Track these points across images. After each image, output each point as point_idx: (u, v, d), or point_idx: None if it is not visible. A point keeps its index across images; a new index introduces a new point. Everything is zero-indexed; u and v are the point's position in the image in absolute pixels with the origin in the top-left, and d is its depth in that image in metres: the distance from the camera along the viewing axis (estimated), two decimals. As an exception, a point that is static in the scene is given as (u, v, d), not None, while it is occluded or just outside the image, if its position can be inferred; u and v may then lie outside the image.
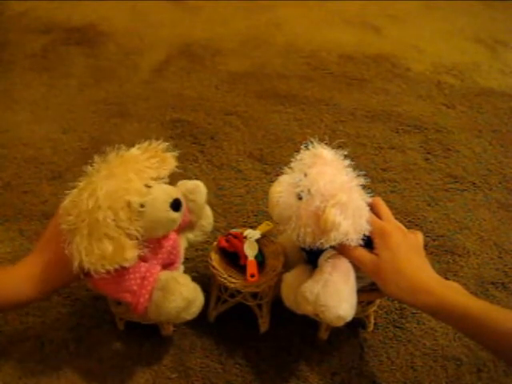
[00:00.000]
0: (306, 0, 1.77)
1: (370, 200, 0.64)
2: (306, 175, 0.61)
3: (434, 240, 0.90)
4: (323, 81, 1.33)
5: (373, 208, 0.64)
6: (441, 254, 0.88)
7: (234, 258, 0.71)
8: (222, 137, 1.13)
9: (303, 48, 1.48)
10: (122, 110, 1.21)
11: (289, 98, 1.26)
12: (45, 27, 1.56)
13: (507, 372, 0.71)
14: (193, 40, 1.51)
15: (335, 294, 0.59)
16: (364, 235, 0.61)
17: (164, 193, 0.60)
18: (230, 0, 1.75)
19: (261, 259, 0.71)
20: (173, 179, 0.65)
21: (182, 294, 0.60)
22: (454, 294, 0.57)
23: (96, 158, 0.61)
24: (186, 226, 0.69)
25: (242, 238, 0.73)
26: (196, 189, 0.68)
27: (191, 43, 1.49)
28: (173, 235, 0.66)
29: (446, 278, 0.83)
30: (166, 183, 0.63)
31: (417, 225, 0.92)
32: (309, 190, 0.59)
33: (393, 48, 1.49)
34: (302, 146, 0.66)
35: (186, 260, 0.82)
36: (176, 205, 0.61)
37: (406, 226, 0.73)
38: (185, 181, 0.69)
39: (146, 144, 0.64)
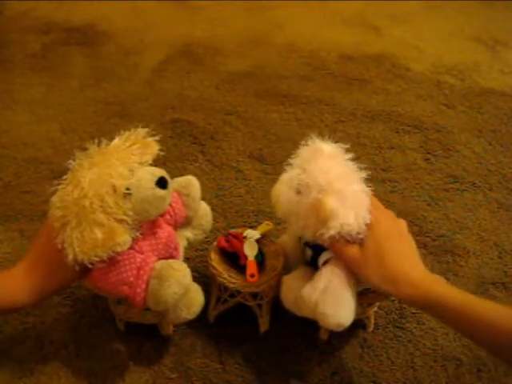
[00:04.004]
0: (306, 0, 1.77)
1: (370, 194, 0.63)
2: (304, 170, 0.61)
3: (434, 240, 0.90)
4: (323, 81, 1.33)
5: None
6: (441, 253, 0.88)
7: (233, 258, 0.71)
8: (222, 137, 1.13)
9: (303, 48, 1.48)
10: (122, 109, 1.21)
11: (289, 98, 1.26)
12: (45, 27, 1.56)
13: (507, 372, 0.71)
14: (193, 40, 1.51)
15: (334, 302, 0.59)
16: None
17: (148, 173, 0.60)
18: (230, 0, 1.75)
19: (260, 259, 0.71)
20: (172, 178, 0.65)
21: (177, 279, 0.60)
22: (436, 285, 0.57)
23: (78, 153, 0.61)
24: (183, 222, 0.69)
25: (241, 238, 0.73)
26: (188, 183, 0.68)
27: (191, 43, 1.49)
28: (168, 227, 0.66)
29: (446, 278, 0.83)
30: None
31: (417, 225, 0.92)
32: (307, 184, 0.59)
33: (393, 48, 1.49)
34: (301, 142, 0.65)
35: (186, 260, 0.82)
36: (162, 182, 0.60)
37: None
38: (176, 178, 0.69)
39: (126, 134, 0.63)
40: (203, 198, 0.76)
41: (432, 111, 1.23)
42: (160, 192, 0.60)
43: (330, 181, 0.58)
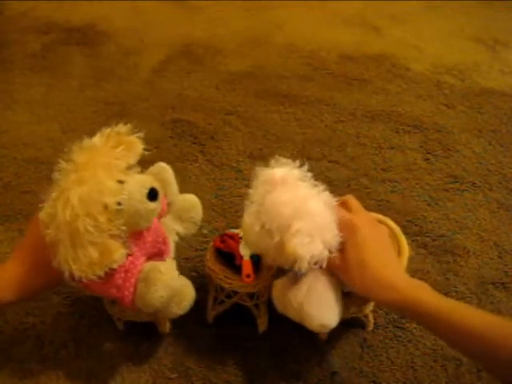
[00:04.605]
0: (306, 0, 1.77)
1: (335, 202, 0.62)
2: (262, 205, 0.60)
3: (434, 240, 0.90)
4: (323, 81, 1.33)
5: (344, 205, 0.64)
6: (441, 254, 0.87)
7: (229, 259, 0.71)
8: (222, 137, 1.13)
9: (303, 48, 1.48)
10: (122, 109, 1.21)
11: (289, 98, 1.26)
12: (45, 27, 1.56)
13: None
14: (193, 40, 1.51)
15: (318, 303, 0.59)
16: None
17: (138, 185, 0.59)
18: (230, 0, 1.75)
19: (256, 259, 0.71)
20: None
21: (164, 283, 0.59)
22: (418, 291, 0.57)
23: (60, 161, 0.59)
24: (166, 210, 0.69)
25: (237, 239, 0.73)
26: (161, 169, 0.68)
27: (191, 43, 1.49)
28: (154, 221, 0.65)
29: (446, 279, 0.83)
30: (137, 172, 0.62)
31: (417, 225, 0.92)
32: (268, 221, 0.58)
33: (393, 48, 1.49)
34: (254, 171, 0.63)
35: (186, 260, 0.82)
36: (153, 194, 0.60)
37: (405, 226, 0.73)
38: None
39: (107, 130, 0.62)
40: (203, 198, 0.76)
41: (432, 111, 1.23)
42: (152, 205, 0.60)
43: (289, 220, 0.57)
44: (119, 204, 0.57)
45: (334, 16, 1.69)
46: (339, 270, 0.60)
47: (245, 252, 0.71)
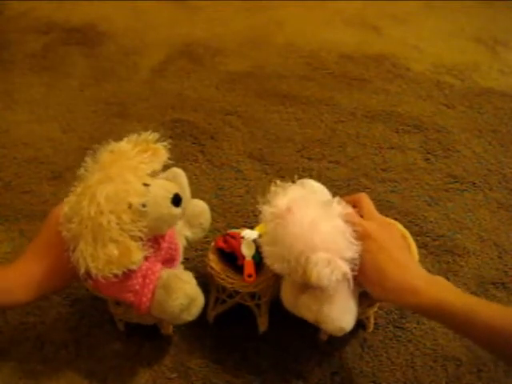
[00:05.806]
0: (306, 0, 1.77)
1: (351, 210, 0.61)
2: (276, 243, 0.59)
3: (434, 240, 0.90)
4: (323, 81, 1.33)
5: (356, 204, 0.63)
6: (441, 254, 0.87)
7: (231, 259, 0.71)
8: (222, 137, 1.13)
9: (303, 48, 1.48)
10: (122, 109, 1.21)
11: (289, 98, 1.26)
12: (45, 27, 1.56)
13: (507, 372, 0.71)
14: (193, 40, 1.51)
15: (339, 307, 0.59)
16: None
17: (163, 189, 0.60)
18: (230, 0, 1.75)
19: (258, 259, 0.71)
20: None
21: (185, 292, 0.60)
22: (440, 291, 0.56)
23: (87, 159, 0.60)
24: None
25: (239, 239, 0.73)
26: (175, 174, 0.68)
27: (191, 43, 1.49)
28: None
29: (446, 278, 0.83)
30: (162, 178, 0.63)
31: (417, 225, 0.92)
32: (286, 254, 0.58)
33: (393, 48, 1.49)
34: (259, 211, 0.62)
35: (186, 260, 0.82)
36: (177, 200, 0.60)
37: (405, 226, 0.73)
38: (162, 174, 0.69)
39: (135, 136, 0.63)
40: (203, 198, 0.76)
41: (432, 111, 1.23)
42: (176, 211, 0.60)
43: (306, 253, 0.56)
44: (144, 206, 0.58)
45: (334, 16, 1.69)
46: (358, 278, 0.59)
47: (247, 252, 0.71)
